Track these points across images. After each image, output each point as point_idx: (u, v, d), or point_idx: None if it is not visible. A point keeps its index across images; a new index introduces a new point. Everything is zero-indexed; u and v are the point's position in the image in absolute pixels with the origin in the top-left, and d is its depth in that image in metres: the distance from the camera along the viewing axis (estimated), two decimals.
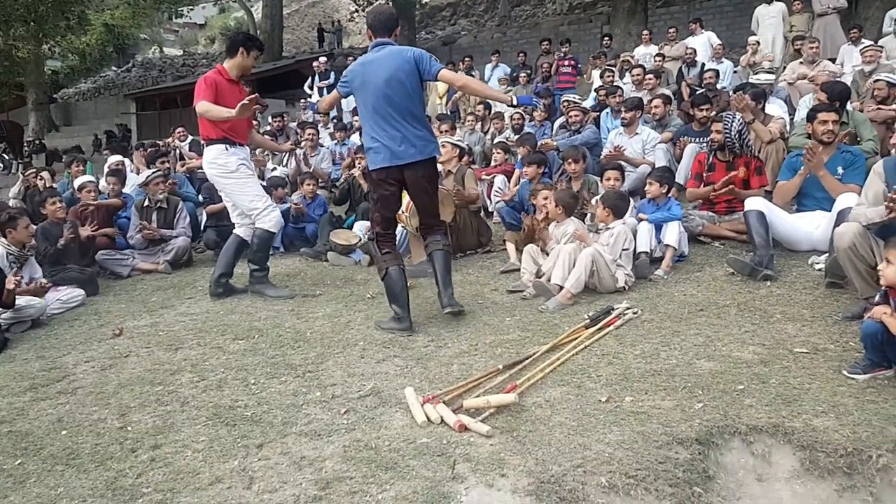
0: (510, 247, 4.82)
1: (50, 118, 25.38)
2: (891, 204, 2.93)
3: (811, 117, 4.29)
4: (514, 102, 3.66)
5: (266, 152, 8.02)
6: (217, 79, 4.22)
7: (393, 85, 3.47)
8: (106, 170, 7.48)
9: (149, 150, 8.18)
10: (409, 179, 3.60)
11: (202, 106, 4.10)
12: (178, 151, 9.25)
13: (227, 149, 4.28)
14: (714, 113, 6.50)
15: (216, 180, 4.42)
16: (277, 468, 2.34)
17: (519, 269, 4.52)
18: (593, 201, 4.64)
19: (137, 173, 7.74)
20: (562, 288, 3.87)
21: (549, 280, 4.01)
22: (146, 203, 5.86)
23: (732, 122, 4.72)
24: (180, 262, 5.72)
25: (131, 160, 8.76)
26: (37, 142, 19.69)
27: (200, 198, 6.89)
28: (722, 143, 4.75)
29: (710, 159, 4.88)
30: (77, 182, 6.41)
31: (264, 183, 5.77)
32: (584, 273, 3.83)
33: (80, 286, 4.92)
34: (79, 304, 4.74)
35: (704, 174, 4.88)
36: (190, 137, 9.96)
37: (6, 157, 17.98)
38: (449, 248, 3.79)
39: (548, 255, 4.25)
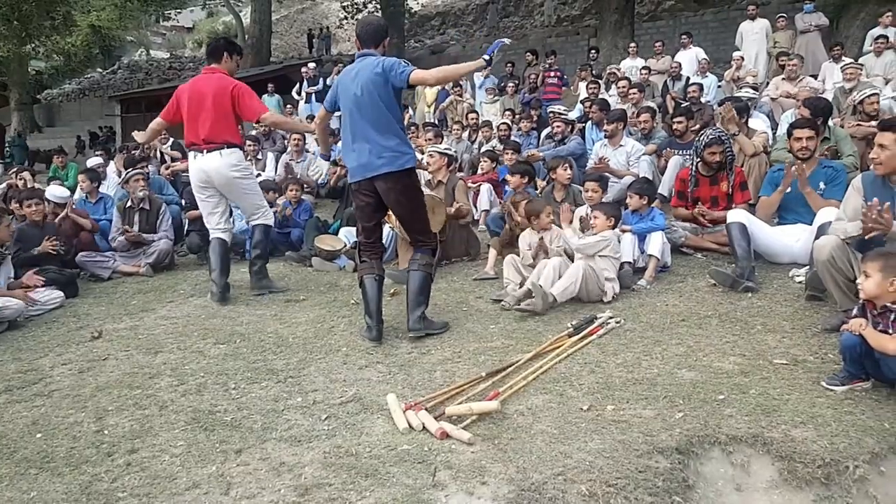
0: (491, 253, 4.82)
1: (33, 118, 25.09)
2: (865, 218, 2.98)
3: (789, 133, 4.36)
4: (486, 57, 3.43)
5: (249, 159, 8.00)
6: None
7: (364, 98, 3.41)
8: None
9: (125, 154, 7.94)
10: (381, 192, 3.50)
11: (273, 117, 4.26)
12: (161, 155, 9.16)
13: (243, 155, 4.49)
14: (698, 126, 6.61)
15: (237, 182, 4.44)
16: (256, 474, 2.31)
17: (493, 279, 4.53)
18: (584, 210, 4.60)
19: (119, 176, 7.62)
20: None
21: (538, 279, 3.99)
22: (129, 204, 5.80)
23: (729, 140, 4.69)
24: (162, 265, 5.66)
25: (114, 162, 8.65)
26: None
27: (184, 202, 6.80)
28: (723, 162, 4.64)
29: (694, 174, 4.82)
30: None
31: None
32: (574, 285, 3.83)
33: (59, 288, 4.83)
34: (57, 306, 4.66)
35: (688, 191, 4.86)
36: (171, 139, 9.89)
37: None
38: (429, 270, 3.63)
39: (532, 266, 4.24)
